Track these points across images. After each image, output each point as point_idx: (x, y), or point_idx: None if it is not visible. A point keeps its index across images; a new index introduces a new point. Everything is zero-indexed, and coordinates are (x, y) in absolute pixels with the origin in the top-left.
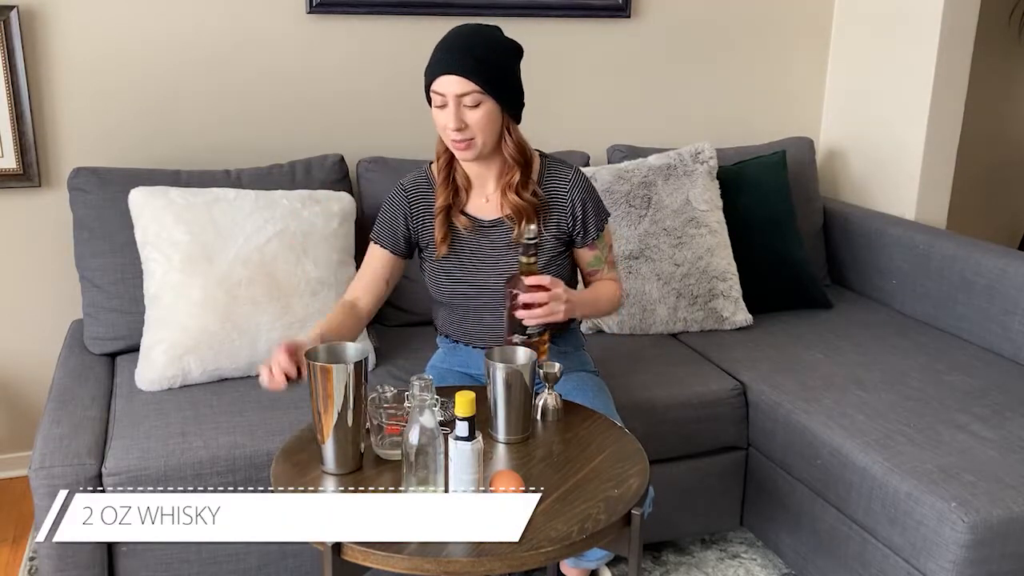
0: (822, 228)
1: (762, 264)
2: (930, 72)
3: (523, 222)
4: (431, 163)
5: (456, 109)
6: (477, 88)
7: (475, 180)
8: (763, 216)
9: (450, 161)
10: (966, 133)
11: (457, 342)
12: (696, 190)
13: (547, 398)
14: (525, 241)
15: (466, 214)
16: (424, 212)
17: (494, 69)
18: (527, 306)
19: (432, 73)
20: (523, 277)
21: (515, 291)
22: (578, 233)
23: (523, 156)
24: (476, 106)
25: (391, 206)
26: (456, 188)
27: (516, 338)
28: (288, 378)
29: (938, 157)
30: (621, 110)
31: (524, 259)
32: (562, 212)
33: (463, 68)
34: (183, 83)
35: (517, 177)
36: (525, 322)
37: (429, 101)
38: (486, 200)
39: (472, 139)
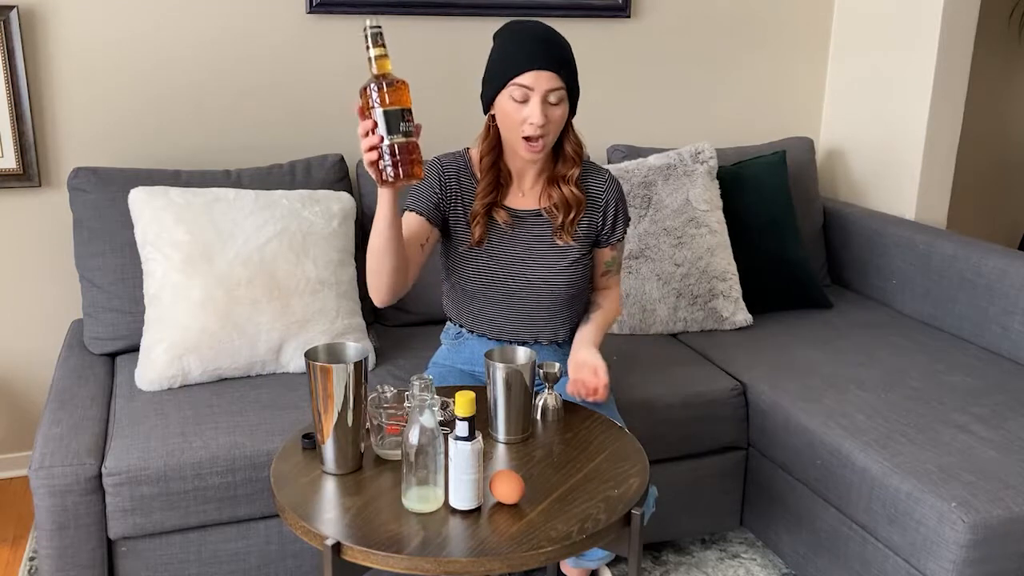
0: (822, 228)
1: (762, 264)
2: (930, 72)
3: (569, 214)
4: (467, 149)
5: (542, 104)
6: (563, 86)
7: (516, 175)
8: (763, 216)
9: (495, 161)
10: (966, 133)
11: (472, 332)
12: (696, 190)
13: (547, 398)
14: (370, 28)
15: (504, 207)
16: (456, 193)
17: (574, 70)
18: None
19: (521, 66)
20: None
21: (374, 86)
22: (606, 233)
23: (581, 152)
24: (558, 103)
25: (430, 176)
26: (499, 188)
27: (387, 141)
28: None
29: (938, 157)
30: (621, 110)
31: (376, 50)
32: (595, 212)
33: (557, 65)
34: (183, 83)
35: (576, 173)
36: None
37: (492, 96)
38: (522, 194)
39: (545, 136)
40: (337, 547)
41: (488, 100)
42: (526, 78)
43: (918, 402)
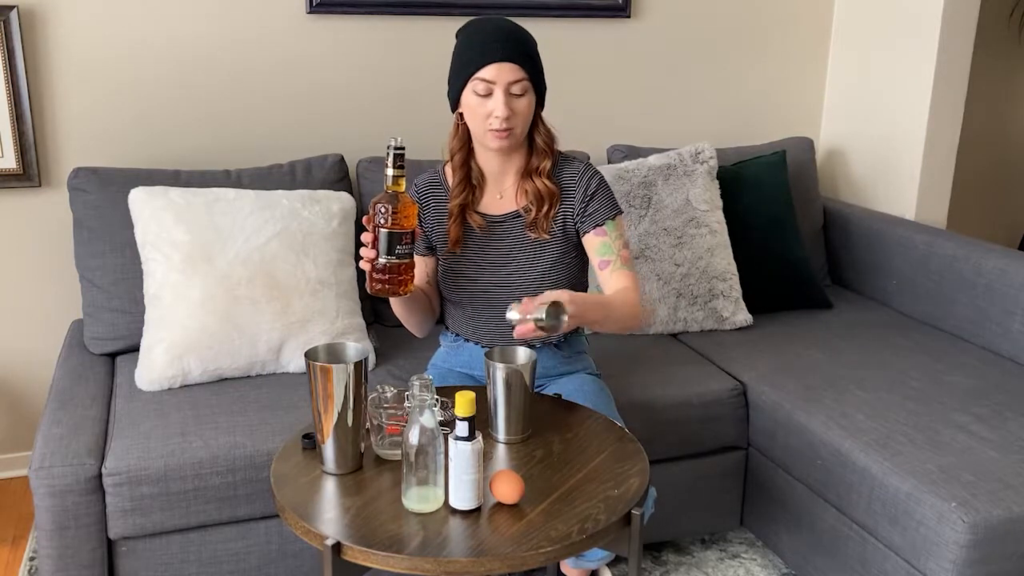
0: (822, 228)
1: (762, 264)
2: (930, 72)
3: (543, 208)
4: (445, 163)
5: (505, 96)
6: (526, 76)
7: (490, 176)
8: (763, 216)
9: (466, 159)
10: (966, 133)
11: (468, 340)
12: (696, 190)
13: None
14: (394, 149)
15: (479, 212)
16: (435, 213)
17: (536, 59)
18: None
19: (480, 60)
20: (397, 195)
21: (383, 206)
22: (581, 219)
23: (552, 143)
24: (522, 95)
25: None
26: (471, 187)
27: (381, 259)
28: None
29: (938, 157)
30: (621, 110)
31: (395, 171)
32: (569, 201)
33: (516, 55)
34: (183, 83)
35: (548, 164)
36: (521, 336)
37: (456, 94)
38: (499, 196)
39: (513, 128)
40: (337, 547)
41: (454, 98)
42: (487, 71)
43: (918, 402)
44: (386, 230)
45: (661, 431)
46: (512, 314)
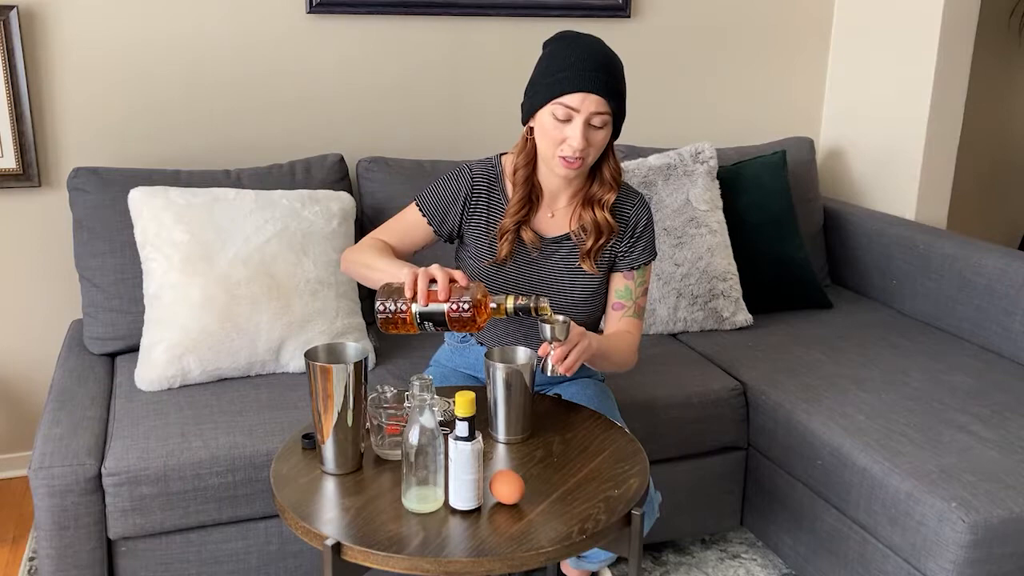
0: (822, 228)
1: (762, 264)
2: (930, 72)
3: (598, 240)
4: (501, 156)
5: (584, 128)
6: (610, 111)
7: (548, 195)
8: (763, 216)
9: (529, 176)
10: (966, 133)
11: (481, 344)
12: (696, 190)
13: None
14: (551, 316)
15: (532, 229)
16: (482, 204)
17: (623, 92)
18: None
19: (568, 86)
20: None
21: (471, 304)
22: (623, 255)
23: (619, 177)
24: (602, 127)
25: (453, 185)
26: (529, 204)
27: (415, 309)
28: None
29: (938, 157)
30: None
31: (515, 305)
32: (621, 233)
33: (606, 89)
34: (183, 83)
35: (612, 198)
36: (554, 371)
37: (533, 110)
38: (551, 215)
39: (584, 159)
40: (337, 547)
41: (528, 112)
42: (572, 99)
43: (918, 402)
44: (444, 316)
45: (661, 431)
46: (549, 363)
